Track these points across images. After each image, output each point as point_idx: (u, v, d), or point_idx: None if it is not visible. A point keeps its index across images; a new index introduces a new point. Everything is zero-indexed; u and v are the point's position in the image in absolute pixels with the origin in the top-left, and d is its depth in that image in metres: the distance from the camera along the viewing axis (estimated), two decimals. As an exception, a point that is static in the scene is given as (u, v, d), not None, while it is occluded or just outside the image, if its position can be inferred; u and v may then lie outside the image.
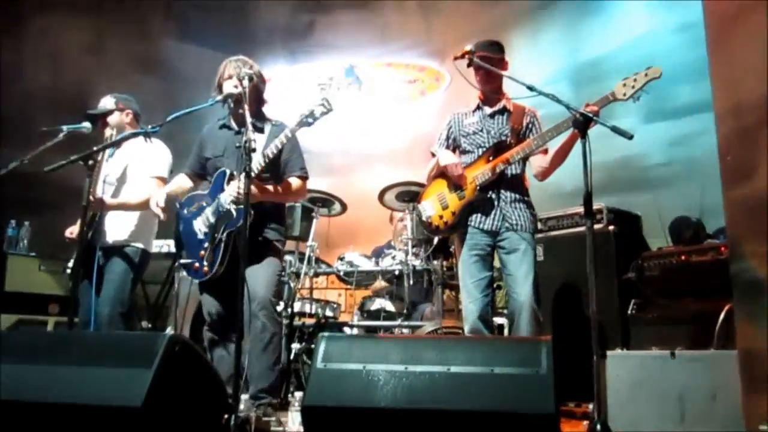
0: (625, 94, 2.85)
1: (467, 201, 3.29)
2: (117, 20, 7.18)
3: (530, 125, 3.37)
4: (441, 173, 3.42)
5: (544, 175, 3.35)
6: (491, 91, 3.41)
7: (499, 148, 3.28)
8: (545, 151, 3.29)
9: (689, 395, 2.48)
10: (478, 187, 3.26)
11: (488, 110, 3.41)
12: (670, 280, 3.50)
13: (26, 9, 6.56)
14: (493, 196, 3.28)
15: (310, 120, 3.09)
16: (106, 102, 3.82)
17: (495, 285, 3.46)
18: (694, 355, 2.56)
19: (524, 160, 3.31)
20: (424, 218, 3.41)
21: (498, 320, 4.06)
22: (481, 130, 3.38)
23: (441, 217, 3.35)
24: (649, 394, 2.55)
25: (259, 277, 3.20)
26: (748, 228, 2.19)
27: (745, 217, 2.21)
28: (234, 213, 3.17)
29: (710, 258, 3.40)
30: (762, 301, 2.07)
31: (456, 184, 3.33)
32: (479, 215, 3.29)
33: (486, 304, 3.24)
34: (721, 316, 2.89)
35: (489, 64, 3.18)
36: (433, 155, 3.52)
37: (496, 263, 3.40)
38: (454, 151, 3.48)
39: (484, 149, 3.33)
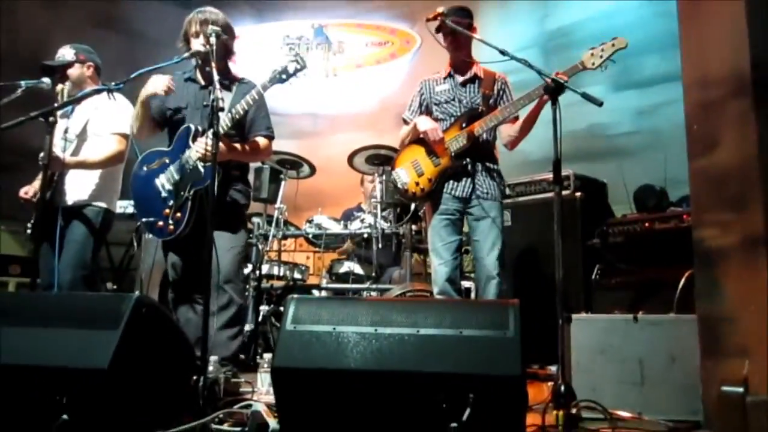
0: (593, 63, 2.92)
1: (443, 168, 3.31)
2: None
3: (501, 92, 3.39)
4: (416, 140, 3.41)
5: (513, 144, 3.39)
6: (461, 58, 3.39)
7: (471, 117, 3.29)
8: (514, 120, 3.31)
9: (649, 359, 2.56)
10: (453, 154, 3.27)
11: (459, 78, 3.40)
12: (634, 246, 3.58)
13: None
14: (467, 162, 3.30)
15: (283, 77, 3.03)
16: (66, 52, 3.63)
17: (463, 249, 3.51)
18: (655, 319, 2.63)
19: (494, 128, 3.32)
20: (399, 185, 3.42)
21: (465, 283, 4.12)
22: (453, 99, 3.38)
23: (417, 183, 3.36)
24: (611, 358, 2.63)
25: (225, 246, 3.16)
26: (710, 197, 2.24)
27: (707, 186, 2.25)
28: (202, 171, 3.10)
29: (673, 226, 3.48)
30: (721, 269, 2.13)
31: (431, 151, 3.33)
32: (452, 182, 3.32)
33: (455, 267, 3.31)
34: (682, 282, 2.97)
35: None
36: (406, 122, 3.51)
37: (465, 228, 3.44)
38: None
39: (456, 117, 3.33)
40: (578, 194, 3.93)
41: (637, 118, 5.96)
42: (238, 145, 3.27)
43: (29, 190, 3.53)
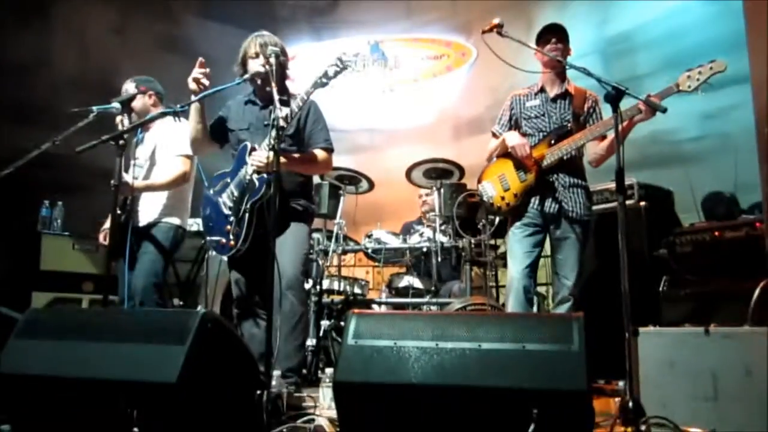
0: (689, 86, 2.85)
1: (529, 183, 3.31)
2: (140, 1, 7.19)
3: (591, 110, 3.38)
4: (504, 154, 3.42)
5: (599, 162, 3.36)
6: (555, 73, 3.38)
7: (560, 134, 3.28)
8: (602, 138, 3.27)
9: (723, 373, 2.45)
10: (540, 170, 3.26)
11: (551, 94, 3.38)
12: (703, 256, 3.45)
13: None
14: (553, 179, 3.30)
15: (324, 80, 3.06)
16: (128, 87, 3.82)
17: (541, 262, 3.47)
18: (728, 331, 2.52)
19: (582, 145, 3.30)
20: (485, 198, 3.44)
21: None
22: (543, 114, 3.38)
23: (503, 198, 3.38)
24: (681, 372, 2.53)
25: (286, 253, 3.20)
26: (785, 203, 2.14)
27: (782, 192, 2.16)
28: (256, 183, 3.17)
29: (744, 234, 3.34)
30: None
31: (518, 166, 3.34)
32: (538, 197, 3.32)
33: (530, 275, 3.30)
34: (756, 292, 2.84)
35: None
36: (495, 136, 3.51)
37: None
38: None
39: (546, 133, 3.33)
40: (643, 203, 3.83)
41: (704, 123, 5.75)
42: (295, 155, 3.32)
43: (107, 233, 3.68)
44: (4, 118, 5.80)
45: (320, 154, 3.40)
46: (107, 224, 3.70)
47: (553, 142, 3.28)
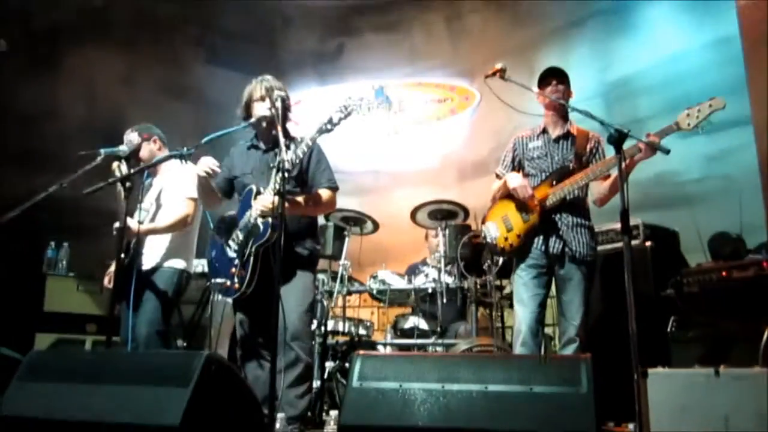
0: (689, 124, 2.87)
1: (532, 224, 3.31)
2: (148, 50, 7.34)
3: (594, 151, 3.40)
4: (506, 194, 3.44)
5: (602, 201, 3.36)
6: (557, 115, 3.42)
7: (562, 174, 3.30)
8: (605, 178, 3.28)
9: (736, 415, 2.40)
10: (542, 211, 3.27)
11: (553, 135, 3.42)
12: (711, 296, 3.43)
13: (60, 43, 6.74)
14: (556, 219, 3.30)
15: (329, 126, 3.09)
16: (131, 138, 3.78)
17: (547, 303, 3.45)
18: (740, 373, 2.47)
19: (586, 185, 3.32)
20: (488, 239, 3.44)
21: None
22: (546, 155, 3.40)
23: (506, 239, 3.37)
24: (692, 414, 2.47)
25: (292, 303, 3.18)
26: (792, 243, 2.13)
27: (788, 231, 2.15)
28: (261, 227, 3.18)
29: (752, 274, 3.32)
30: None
31: (521, 207, 3.34)
32: (542, 238, 3.31)
33: (538, 319, 3.27)
34: (766, 333, 2.81)
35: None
36: (498, 177, 3.54)
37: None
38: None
39: (547, 174, 3.35)
40: (648, 243, 3.81)
41: (708, 164, 5.77)
42: (300, 198, 3.33)
43: (111, 277, 3.68)
44: (12, 165, 5.87)
45: (324, 193, 3.42)
46: (113, 267, 3.70)
47: (555, 182, 3.29)
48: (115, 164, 3.48)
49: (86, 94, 6.84)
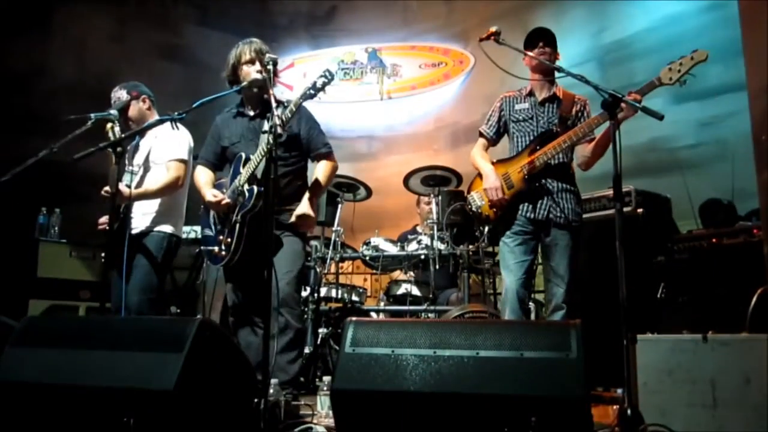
0: (671, 79, 2.82)
1: (516, 191, 3.28)
2: (139, 9, 7.22)
3: (579, 114, 3.35)
4: (492, 162, 3.41)
5: (587, 165, 3.34)
6: (544, 77, 3.38)
7: (545, 138, 3.27)
8: (591, 141, 3.26)
9: (722, 380, 2.44)
10: (525, 177, 3.25)
11: (539, 97, 3.39)
12: (701, 263, 3.46)
13: (50, 1, 6.61)
14: (541, 185, 3.28)
15: (312, 92, 3.06)
16: (120, 95, 3.74)
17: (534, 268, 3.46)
18: (727, 338, 2.51)
19: (571, 148, 3.29)
20: (473, 209, 3.42)
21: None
22: (531, 118, 3.37)
23: (491, 207, 3.34)
24: (680, 379, 2.52)
25: (282, 269, 3.17)
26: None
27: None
28: (246, 193, 3.17)
29: (742, 240, 3.35)
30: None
31: (504, 174, 3.31)
32: (527, 204, 3.28)
33: (525, 285, 3.27)
34: (754, 299, 2.84)
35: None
36: (482, 135, 3.52)
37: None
38: (502, 134, 3.50)
39: (531, 138, 3.32)
40: (640, 210, 3.82)
41: (701, 130, 5.76)
42: (313, 199, 3.34)
43: (105, 220, 3.66)
44: (1, 126, 5.80)
45: (323, 168, 3.41)
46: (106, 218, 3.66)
47: (538, 147, 3.25)
48: (108, 125, 3.43)
49: (76, 54, 6.74)
